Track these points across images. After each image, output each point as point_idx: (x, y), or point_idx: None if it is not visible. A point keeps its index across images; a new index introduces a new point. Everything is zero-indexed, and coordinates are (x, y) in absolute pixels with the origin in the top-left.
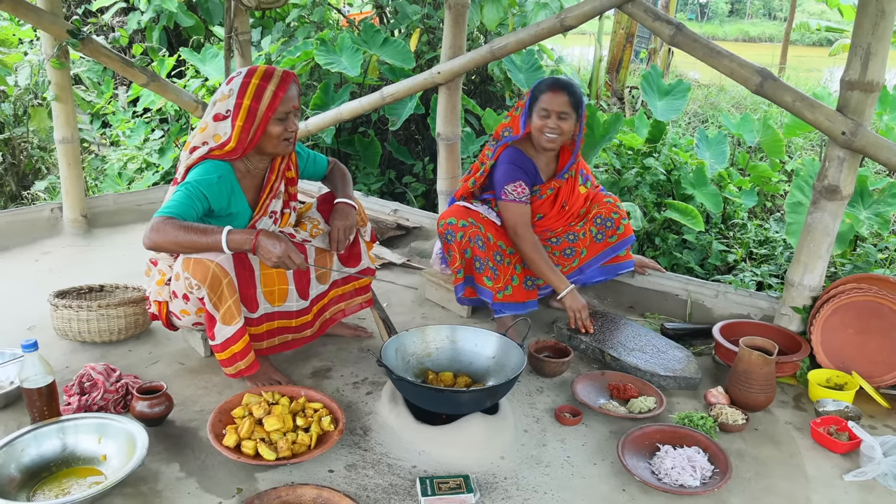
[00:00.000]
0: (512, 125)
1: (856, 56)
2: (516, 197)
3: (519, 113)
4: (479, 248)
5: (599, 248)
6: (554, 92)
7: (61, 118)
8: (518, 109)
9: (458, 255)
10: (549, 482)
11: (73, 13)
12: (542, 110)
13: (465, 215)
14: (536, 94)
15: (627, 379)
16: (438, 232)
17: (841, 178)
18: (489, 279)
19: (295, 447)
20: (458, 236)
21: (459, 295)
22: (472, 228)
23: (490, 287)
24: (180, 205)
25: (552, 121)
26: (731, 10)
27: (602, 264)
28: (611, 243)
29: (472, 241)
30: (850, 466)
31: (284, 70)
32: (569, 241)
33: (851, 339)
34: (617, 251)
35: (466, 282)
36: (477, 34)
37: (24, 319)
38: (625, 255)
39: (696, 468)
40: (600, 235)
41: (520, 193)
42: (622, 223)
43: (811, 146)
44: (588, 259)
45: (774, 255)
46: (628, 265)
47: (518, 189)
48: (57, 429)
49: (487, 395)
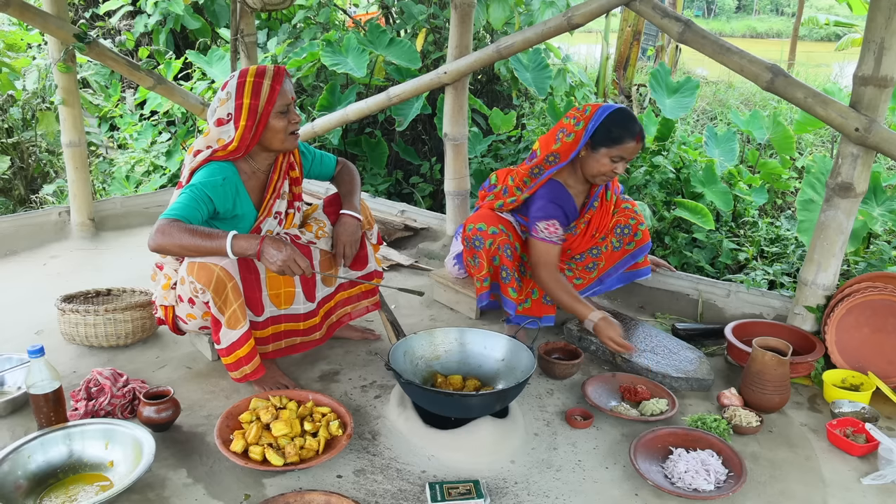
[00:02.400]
0: (561, 152)
1: (869, 51)
2: (547, 237)
3: (572, 140)
4: (507, 257)
5: (618, 257)
6: (637, 142)
7: (68, 122)
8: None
9: (486, 263)
10: (560, 486)
11: (80, 17)
12: (618, 156)
13: (496, 222)
14: (615, 135)
15: (639, 381)
16: (465, 236)
17: (854, 175)
18: (514, 290)
19: (303, 452)
20: (488, 243)
21: (484, 303)
22: (503, 236)
23: (515, 299)
24: (185, 207)
25: (621, 167)
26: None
27: (622, 272)
28: (629, 250)
29: (501, 250)
30: (867, 469)
31: (275, 65)
32: (593, 255)
33: (867, 338)
34: (636, 258)
35: (492, 290)
36: (483, 33)
37: (31, 324)
38: (643, 262)
39: (710, 472)
40: (618, 244)
41: (552, 233)
42: (640, 229)
43: (822, 142)
44: (607, 268)
45: (786, 254)
46: (646, 272)
47: (551, 228)
48: (63, 435)
49: (497, 398)
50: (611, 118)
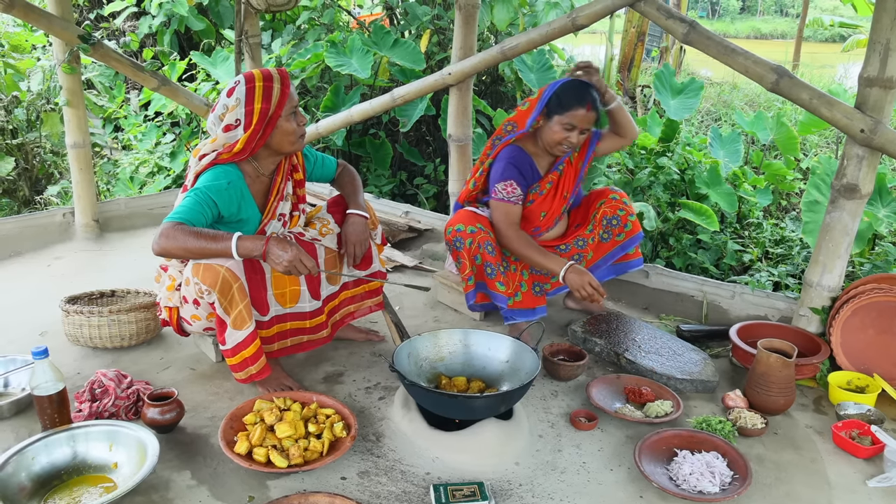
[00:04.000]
0: (517, 120)
1: (874, 52)
2: (505, 196)
3: (527, 108)
4: (489, 253)
5: (607, 248)
6: (588, 110)
7: (73, 123)
8: (526, 104)
9: (469, 262)
10: (564, 489)
11: (84, 18)
12: (568, 124)
13: (474, 220)
14: (564, 102)
15: (643, 382)
16: (446, 239)
17: (860, 176)
18: (502, 284)
19: (307, 454)
20: (468, 243)
21: (471, 302)
22: (482, 234)
23: (503, 292)
24: (190, 210)
25: (574, 136)
26: (742, 7)
27: (611, 264)
28: (619, 241)
29: (482, 247)
30: (873, 472)
31: (278, 69)
32: (578, 247)
33: (872, 340)
34: (626, 249)
35: (478, 288)
36: (487, 34)
37: (35, 325)
38: (633, 254)
39: (715, 474)
40: (606, 235)
41: (509, 193)
42: (629, 220)
43: (826, 143)
44: (596, 260)
45: (791, 255)
46: (637, 263)
47: (508, 188)
48: (67, 436)
49: (501, 400)
50: (563, 88)
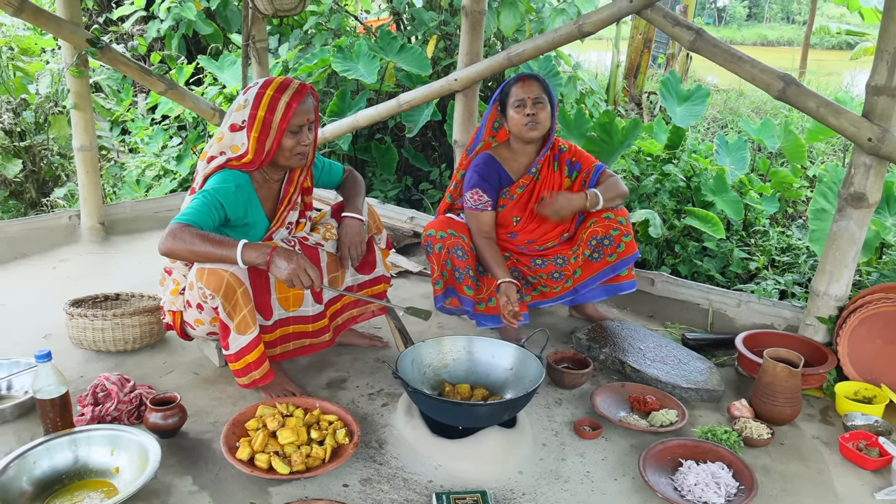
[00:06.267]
0: (479, 127)
1: (882, 61)
2: (472, 204)
3: (485, 112)
4: (458, 258)
5: (597, 268)
6: (523, 81)
7: (80, 126)
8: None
9: (438, 267)
10: (568, 498)
11: (93, 22)
12: (517, 101)
13: (446, 226)
14: (505, 90)
15: (648, 391)
16: (422, 245)
17: (867, 185)
18: (469, 288)
19: (309, 461)
20: (437, 248)
21: (439, 305)
22: (452, 239)
23: (471, 296)
24: (197, 213)
25: (530, 108)
26: (748, 15)
27: (600, 284)
28: (610, 262)
29: (451, 252)
30: (881, 484)
31: (301, 82)
32: (556, 264)
33: (880, 350)
34: (617, 270)
35: (448, 293)
36: (494, 41)
37: (40, 328)
38: (626, 275)
39: (721, 484)
40: (597, 255)
41: (476, 201)
42: (623, 240)
43: (833, 151)
44: (584, 279)
45: (798, 263)
46: (629, 286)
47: (475, 196)
48: (69, 440)
49: (505, 408)
50: (502, 85)
